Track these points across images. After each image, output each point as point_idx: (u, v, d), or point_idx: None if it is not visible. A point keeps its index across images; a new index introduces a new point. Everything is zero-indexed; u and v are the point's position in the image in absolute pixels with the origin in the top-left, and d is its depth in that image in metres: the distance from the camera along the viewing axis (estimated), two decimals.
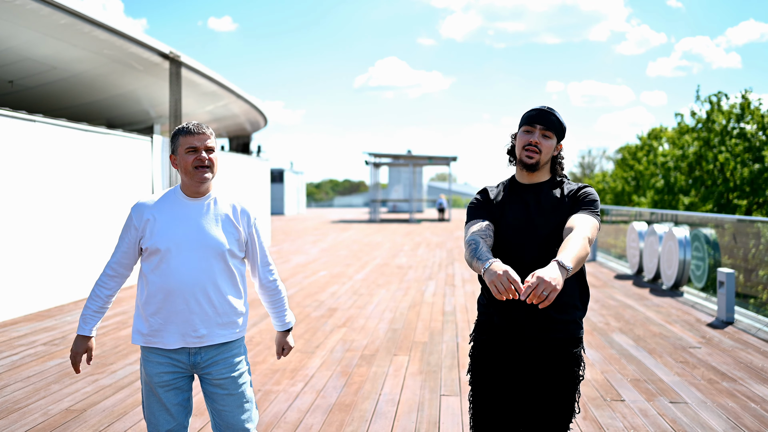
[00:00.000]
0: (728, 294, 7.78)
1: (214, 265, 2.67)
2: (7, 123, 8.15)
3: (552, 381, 2.51)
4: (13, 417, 4.45)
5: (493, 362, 2.58)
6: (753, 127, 24.65)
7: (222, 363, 2.73)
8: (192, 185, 2.69)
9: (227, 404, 2.73)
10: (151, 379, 2.69)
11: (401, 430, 4.27)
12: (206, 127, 2.72)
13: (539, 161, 2.55)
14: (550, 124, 2.55)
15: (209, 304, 2.66)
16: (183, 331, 2.64)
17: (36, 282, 8.54)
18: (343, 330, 7.33)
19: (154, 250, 2.64)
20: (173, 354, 2.68)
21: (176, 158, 2.71)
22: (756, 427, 4.29)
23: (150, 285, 2.66)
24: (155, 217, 2.67)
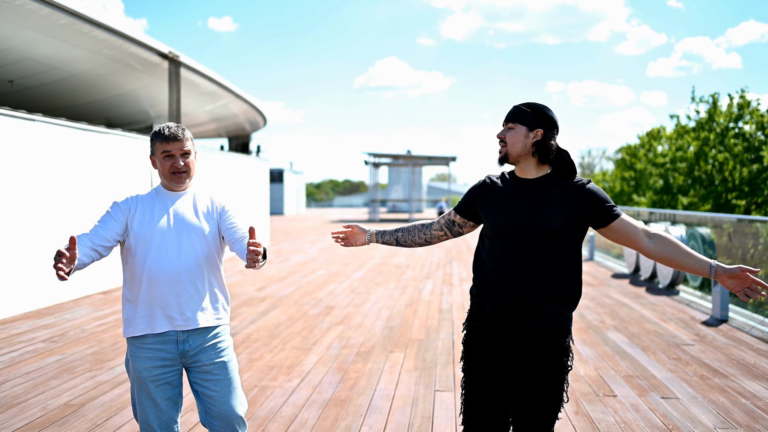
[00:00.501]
0: (722, 292, 7.84)
1: (197, 251, 2.74)
2: (7, 122, 8.21)
3: (540, 370, 2.56)
4: (12, 411, 4.51)
5: (485, 349, 2.63)
6: (752, 127, 24.70)
7: (210, 349, 2.79)
8: (170, 186, 2.83)
9: (218, 390, 2.77)
10: (140, 374, 2.72)
11: (395, 424, 4.33)
12: (182, 132, 2.80)
13: (507, 154, 2.62)
14: (514, 116, 2.62)
15: (194, 287, 2.73)
16: (169, 314, 2.70)
17: (35, 280, 8.60)
18: (340, 327, 7.39)
19: (137, 237, 2.70)
20: (161, 345, 2.72)
21: (155, 160, 2.82)
22: (745, 421, 4.35)
23: (136, 273, 2.72)
24: (138, 207, 2.77)
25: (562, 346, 2.59)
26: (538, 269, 2.53)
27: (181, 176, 2.80)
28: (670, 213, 13.06)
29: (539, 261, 2.53)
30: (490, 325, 2.62)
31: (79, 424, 4.29)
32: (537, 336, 2.55)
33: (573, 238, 2.57)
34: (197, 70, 13.56)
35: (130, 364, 2.78)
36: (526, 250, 2.54)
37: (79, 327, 7.34)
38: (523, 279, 2.53)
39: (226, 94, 16.72)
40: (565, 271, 2.56)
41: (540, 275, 2.53)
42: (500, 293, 2.57)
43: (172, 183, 2.80)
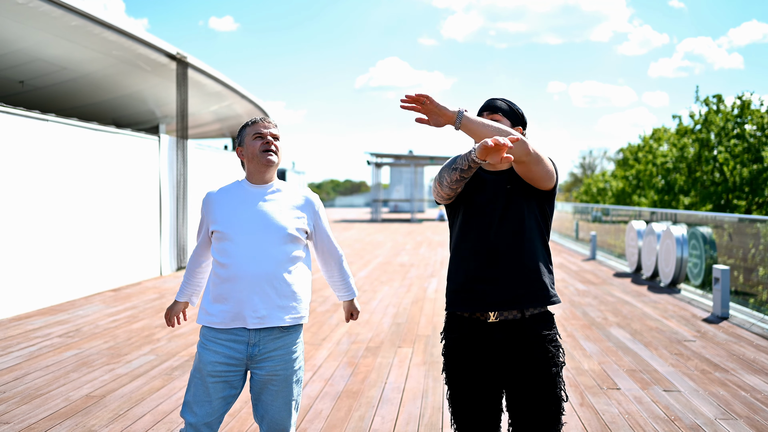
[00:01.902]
0: (723, 290, 7.99)
1: (276, 248, 2.71)
2: (21, 122, 8.38)
3: (530, 369, 2.44)
4: (36, 402, 4.67)
5: (466, 358, 2.52)
6: (752, 127, 24.83)
7: (279, 359, 2.73)
8: (258, 171, 2.78)
9: (274, 400, 2.75)
10: (204, 366, 2.70)
11: (407, 414, 4.49)
12: (272, 119, 2.86)
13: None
14: (495, 108, 2.57)
15: (270, 286, 2.68)
16: (244, 312, 2.67)
17: (49, 277, 8.76)
18: (349, 324, 7.54)
19: (219, 234, 2.72)
20: (232, 343, 2.69)
21: (243, 149, 2.81)
22: (745, 413, 4.50)
23: (216, 267, 2.74)
24: (220, 204, 2.77)
25: (548, 337, 2.48)
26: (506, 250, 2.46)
27: (270, 155, 2.76)
28: (671, 213, 13.21)
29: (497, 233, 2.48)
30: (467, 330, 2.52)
31: (102, 414, 4.45)
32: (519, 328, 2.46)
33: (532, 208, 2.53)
34: (204, 70, 13.72)
35: (198, 353, 2.77)
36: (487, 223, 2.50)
37: (92, 323, 7.50)
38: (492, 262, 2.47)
39: (231, 95, 16.87)
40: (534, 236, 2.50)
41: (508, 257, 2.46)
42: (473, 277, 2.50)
43: (261, 163, 2.76)
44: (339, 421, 4.36)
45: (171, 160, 12.64)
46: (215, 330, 2.72)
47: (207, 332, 2.74)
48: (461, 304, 2.51)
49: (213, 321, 2.72)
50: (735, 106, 25.10)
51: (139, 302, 8.95)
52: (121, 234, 10.76)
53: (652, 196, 28.07)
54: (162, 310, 8.36)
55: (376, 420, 4.38)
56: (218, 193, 2.83)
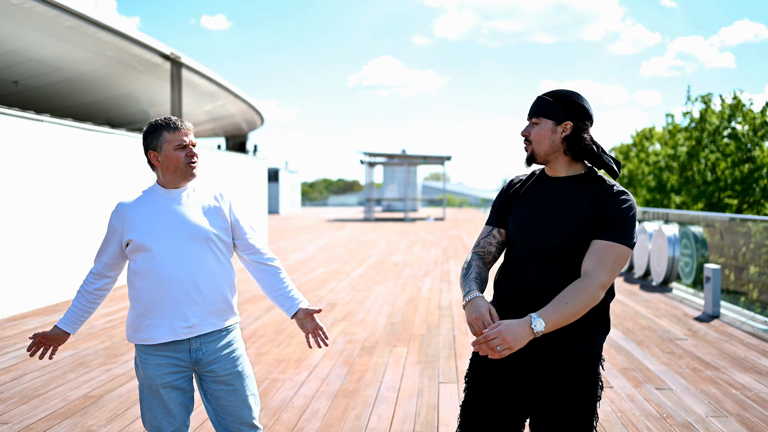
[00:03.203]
0: (714, 289, 8.08)
1: (198, 253, 2.60)
2: (15, 123, 8.39)
3: (562, 400, 2.23)
4: (34, 402, 4.70)
5: (494, 372, 2.32)
6: (744, 127, 24.99)
7: (224, 359, 2.68)
8: (177, 181, 2.66)
9: (232, 399, 2.69)
10: (152, 381, 2.60)
11: (403, 413, 4.54)
12: (188, 123, 2.72)
13: (533, 151, 2.30)
14: (538, 110, 2.30)
15: (197, 292, 2.59)
16: (172, 323, 2.57)
17: (44, 277, 8.77)
18: (344, 323, 7.59)
19: (136, 246, 2.59)
20: (173, 353, 2.61)
21: (158, 155, 2.63)
22: (735, 410, 4.58)
23: (137, 281, 2.61)
24: (134, 213, 2.63)
25: (587, 371, 2.24)
26: (552, 279, 2.21)
27: (196, 166, 2.67)
28: (663, 212, 13.30)
29: (552, 269, 2.23)
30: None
31: (100, 413, 4.48)
32: (550, 359, 2.23)
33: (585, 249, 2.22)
34: (198, 70, 13.74)
35: (140, 371, 2.66)
36: (541, 253, 2.25)
37: (88, 323, 7.52)
38: (536, 290, 2.23)
39: (224, 94, 16.90)
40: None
41: (554, 287, 2.19)
42: (516, 307, 2.27)
43: (186, 175, 2.65)
44: (335, 420, 4.41)
45: None
46: (151, 345, 2.62)
47: (144, 348, 2.64)
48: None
49: (143, 338, 2.61)
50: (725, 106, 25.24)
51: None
52: None
53: (644, 195, 28.22)
54: None
55: (373, 419, 4.43)
56: (131, 203, 2.67)
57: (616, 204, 2.18)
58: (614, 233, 2.15)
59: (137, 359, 2.67)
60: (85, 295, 2.74)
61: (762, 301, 8.93)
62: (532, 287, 2.24)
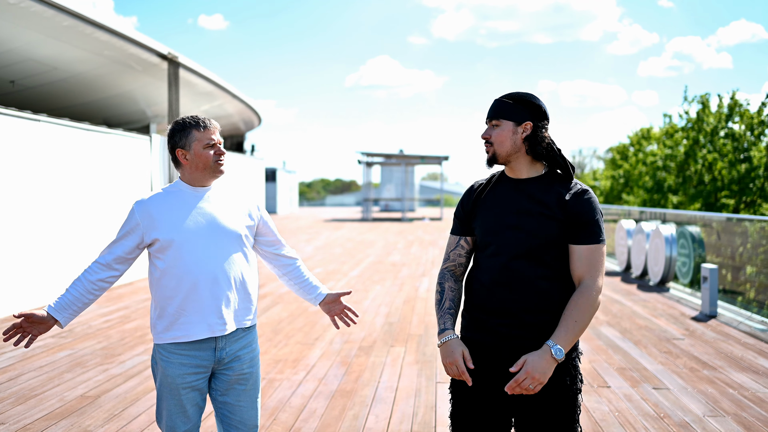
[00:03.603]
0: (711, 288, 8.09)
1: (230, 251, 2.63)
2: (12, 122, 8.37)
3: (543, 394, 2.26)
4: (31, 403, 4.69)
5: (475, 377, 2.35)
6: (741, 127, 25.03)
7: (243, 358, 2.71)
8: (205, 178, 2.67)
9: (243, 400, 2.72)
10: (173, 380, 2.60)
11: (400, 413, 4.54)
12: (213, 120, 2.73)
13: (496, 154, 2.35)
14: (497, 113, 2.35)
15: (231, 290, 2.62)
16: (209, 320, 2.59)
17: (41, 277, 8.75)
18: (341, 324, 7.58)
19: (165, 244, 2.57)
20: (198, 352, 2.61)
21: (187, 153, 2.63)
22: (732, 410, 4.58)
23: (167, 279, 2.58)
24: (161, 212, 2.60)
25: (567, 365, 2.29)
26: (523, 279, 2.27)
27: (224, 166, 2.69)
28: (661, 212, 13.32)
29: (523, 270, 2.27)
30: (479, 350, 2.35)
31: (97, 414, 4.48)
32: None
33: (560, 248, 2.29)
34: (195, 70, 13.73)
35: (160, 370, 2.63)
36: (511, 255, 2.29)
37: (85, 323, 7.50)
38: (508, 290, 2.28)
39: (222, 94, 16.89)
40: (551, 283, 2.28)
41: (525, 287, 2.26)
42: (490, 310, 2.32)
43: (215, 173, 2.66)
44: (333, 420, 4.40)
45: (162, 160, 12.63)
46: (177, 343, 2.61)
47: (168, 347, 2.61)
48: None
49: (178, 336, 2.59)
50: (721, 106, 25.29)
51: (131, 302, 8.97)
52: (113, 234, 10.76)
53: (641, 195, 28.25)
54: None
55: (370, 419, 4.43)
56: (157, 201, 2.63)
57: (585, 205, 2.27)
58: (593, 235, 2.25)
59: (157, 358, 2.65)
60: (85, 283, 2.63)
61: (759, 301, 8.95)
62: (504, 289, 2.30)
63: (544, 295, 2.27)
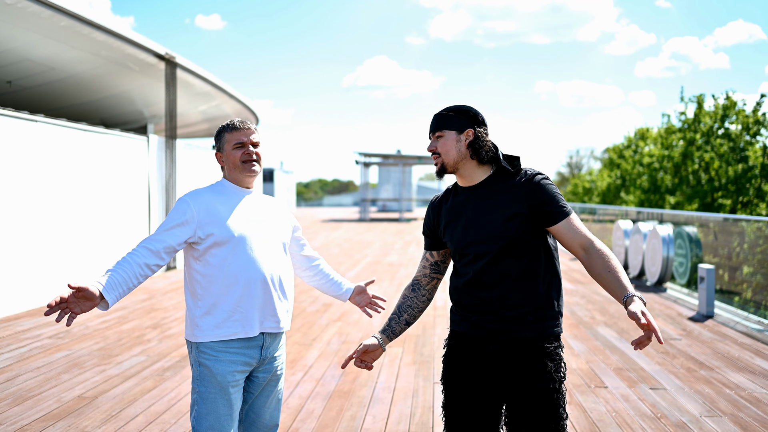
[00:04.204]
0: (708, 289, 8.10)
1: (279, 253, 2.72)
2: (9, 123, 8.36)
3: (527, 383, 2.35)
4: (28, 404, 4.68)
5: (463, 367, 2.47)
6: (737, 127, 25.07)
7: (278, 359, 2.77)
8: (241, 179, 2.71)
9: (270, 401, 2.77)
10: (224, 378, 2.57)
11: (398, 414, 4.54)
12: (251, 123, 2.75)
13: (444, 164, 2.46)
14: (439, 125, 2.47)
15: (281, 289, 2.70)
16: (264, 318, 2.64)
17: (38, 277, 8.74)
18: (339, 324, 7.59)
19: (220, 239, 2.58)
20: (247, 350, 2.62)
21: (222, 155, 2.72)
22: (729, 410, 4.59)
23: (225, 275, 2.58)
24: (216, 208, 2.62)
25: (546, 351, 2.37)
26: (499, 278, 2.37)
27: (254, 165, 2.70)
28: (658, 212, 13.35)
29: (498, 270, 2.37)
30: (466, 341, 2.47)
31: (94, 415, 4.47)
32: (510, 346, 2.38)
33: (528, 240, 2.38)
34: (192, 71, 13.72)
35: (206, 371, 2.58)
36: (484, 260, 2.38)
37: (82, 324, 7.50)
38: (486, 290, 2.39)
39: (219, 95, 16.88)
40: (526, 277, 2.37)
41: (502, 285, 2.37)
42: (471, 308, 2.45)
43: (244, 173, 2.68)
44: (331, 420, 4.41)
45: (160, 161, 12.63)
46: (225, 341, 2.60)
47: (215, 345, 2.59)
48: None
49: (231, 333, 2.59)
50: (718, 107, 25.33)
51: (128, 303, 8.96)
52: (110, 234, 10.75)
53: (639, 195, 28.29)
54: (152, 311, 8.36)
55: (368, 419, 4.43)
56: (206, 195, 2.65)
57: (541, 188, 2.36)
58: (561, 211, 2.35)
59: (202, 359, 2.58)
60: (134, 266, 2.48)
61: (756, 301, 8.98)
62: (481, 291, 2.41)
63: (520, 289, 2.37)
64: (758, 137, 24.62)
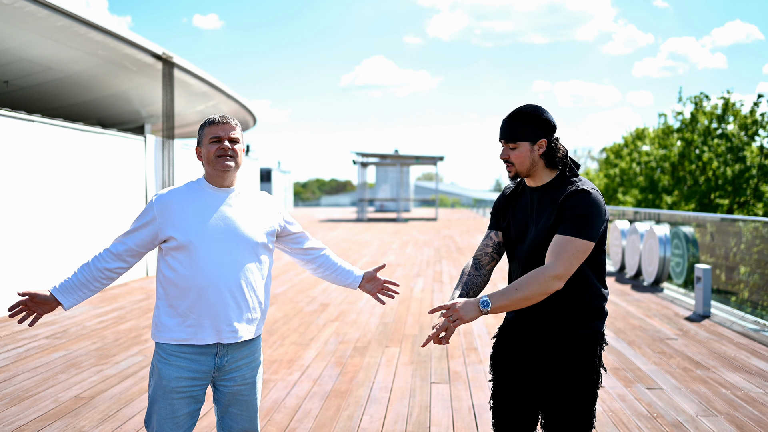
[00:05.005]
0: (705, 289, 8.12)
1: (246, 258, 2.58)
2: (6, 123, 8.35)
3: (564, 380, 2.47)
4: (25, 404, 4.68)
5: (509, 361, 2.62)
6: (734, 127, 25.13)
7: (245, 368, 2.66)
8: (216, 175, 2.61)
9: (245, 410, 2.69)
10: (168, 383, 2.54)
11: (395, 414, 4.55)
12: (232, 119, 2.67)
13: (518, 172, 2.53)
14: (512, 136, 2.49)
15: (242, 297, 2.57)
16: (218, 326, 2.54)
17: (35, 277, 8.73)
18: (336, 324, 7.59)
19: (180, 244, 2.52)
20: (199, 357, 2.55)
21: (201, 149, 2.65)
22: (725, 409, 4.61)
23: (181, 280, 2.53)
24: (181, 210, 2.55)
25: (587, 352, 2.48)
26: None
27: (228, 160, 2.58)
28: (655, 212, 13.36)
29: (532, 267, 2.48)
30: (512, 336, 2.62)
31: (91, 415, 4.47)
32: (552, 344, 2.49)
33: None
34: (190, 70, 13.71)
35: (156, 370, 2.58)
36: (532, 261, 2.49)
37: (80, 324, 7.50)
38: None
39: (217, 95, 16.87)
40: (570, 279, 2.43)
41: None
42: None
43: (217, 169, 2.59)
44: (328, 420, 4.41)
45: (157, 161, 12.62)
46: (178, 345, 2.56)
47: (168, 347, 2.56)
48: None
49: (183, 337, 2.54)
50: (714, 107, 25.38)
51: (126, 303, 8.95)
52: (107, 234, 10.74)
53: (636, 195, 28.33)
54: (149, 311, 8.36)
55: (365, 419, 4.44)
56: (175, 196, 2.60)
57: (573, 201, 2.39)
58: (571, 228, 2.37)
59: (155, 359, 2.59)
60: (93, 270, 2.57)
61: (752, 301, 8.99)
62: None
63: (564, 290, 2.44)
64: (756, 137, 24.67)
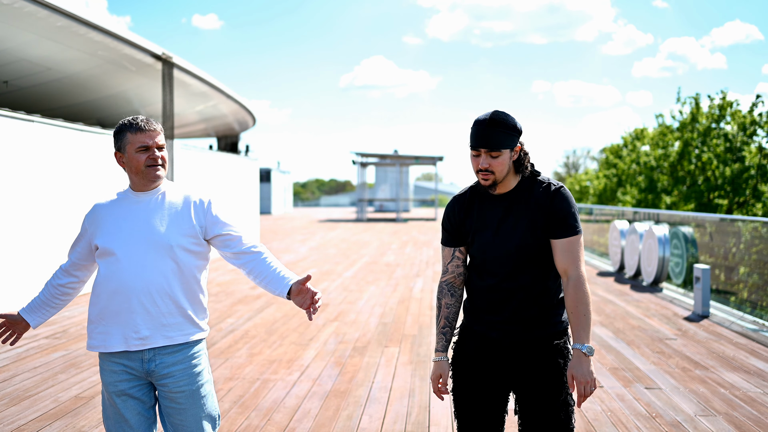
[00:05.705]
0: (704, 289, 8.13)
1: (158, 262, 2.49)
2: (5, 123, 8.36)
3: (539, 378, 2.46)
4: (25, 404, 4.69)
5: (475, 365, 2.55)
6: (733, 127, 25.14)
7: (179, 374, 2.54)
8: (143, 183, 2.57)
9: (184, 419, 2.57)
10: (107, 387, 2.54)
11: (394, 413, 4.56)
12: (156, 123, 2.58)
13: (496, 180, 2.46)
14: (496, 144, 2.41)
15: (152, 303, 2.48)
16: (124, 333, 2.48)
17: (34, 278, 8.74)
18: (335, 324, 7.60)
19: (102, 250, 2.52)
20: (125, 360, 2.51)
21: (123, 156, 2.55)
22: (724, 409, 4.62)
23: (97, 286, 2.54)
24: (105, 217, 2.57)
25: (558, 347, 2.49)
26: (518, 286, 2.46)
27: (159, 169, 2.54)
28: (654, 212, 13.37)
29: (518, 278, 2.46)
30: (479, 341, 2.55)
31: (91, 414, 4.48)
32: (528, 344, 2.48)
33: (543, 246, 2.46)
34: (189, 71, 13.73)
35: (100, 375, 2.59)
36: (507, 269, 2.47)
37: (79, 324, 7.50)
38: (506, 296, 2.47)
39: (216, 95, 16.88)
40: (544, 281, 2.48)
41: (521, 292, 2.46)
42: (486, 310, 2.52)
43: (148, 179, 2.54)
44: (327, 420, 4.42)
45: None
46: (104, 353, 2.55)
47: (100, 354, 2.58)
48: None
49: (95, 345, 2.54)
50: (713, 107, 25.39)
51: None
52: None
53: (635, 195, 28.34)
54: None
55: (364, 419, 4.45)
56: (105, 206, 2.61)
57: (560, 202, 2.44)
58: (570, 228, 2.42)
59: (99, 366, 2.61)
60: (50, 288, 2.70)
61: (751, 301, 9.00)
62: (507, 296, 2.49)
63: (538, 293, 2.48)
64: (755, 137, 24.68)
